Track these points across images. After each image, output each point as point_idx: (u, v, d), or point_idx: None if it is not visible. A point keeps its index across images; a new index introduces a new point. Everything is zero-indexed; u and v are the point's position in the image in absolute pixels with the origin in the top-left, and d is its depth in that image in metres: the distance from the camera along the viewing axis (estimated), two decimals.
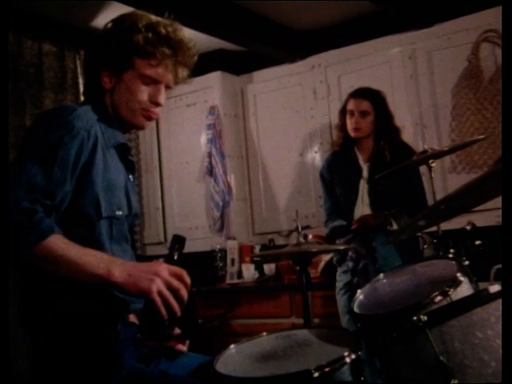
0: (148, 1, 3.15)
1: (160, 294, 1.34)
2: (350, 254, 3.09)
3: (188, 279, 1.40)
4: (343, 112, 3.28)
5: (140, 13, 1.66)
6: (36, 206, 1.38)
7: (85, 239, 1.45)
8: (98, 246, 1.50)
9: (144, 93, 1.64)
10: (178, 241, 1.47)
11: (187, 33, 1.70)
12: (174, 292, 1.36)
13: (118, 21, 1.65)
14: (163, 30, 1.62)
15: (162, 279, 1.35)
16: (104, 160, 1.54)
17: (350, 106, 3.22)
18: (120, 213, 1.57)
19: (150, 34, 1.60)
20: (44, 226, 1.35)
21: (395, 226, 3.01)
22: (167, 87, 1.68)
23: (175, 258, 1.44)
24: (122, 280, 1.35)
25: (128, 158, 1.70)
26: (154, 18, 1.65)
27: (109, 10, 3.58)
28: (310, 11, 3.97)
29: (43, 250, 1.33)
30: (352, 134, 3.21)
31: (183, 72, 1.69)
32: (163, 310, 1.35)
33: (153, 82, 1.64)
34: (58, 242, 1.36)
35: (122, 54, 1.60)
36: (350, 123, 3.21)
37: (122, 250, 1.61)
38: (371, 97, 3.21)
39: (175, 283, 1.37)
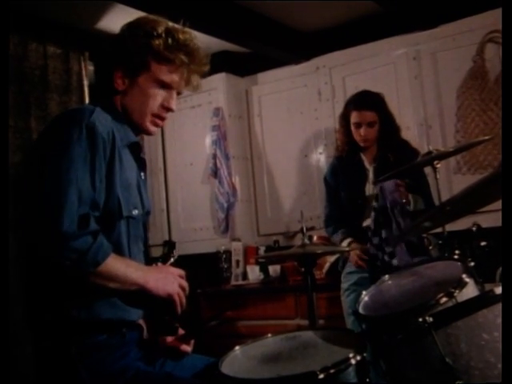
0: (152, 3, 3.19)
1: (178, 294, 1.55)
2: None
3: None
4: (345, 119, 3.26)
5: (156, 18, 1.67)
6: (94, 223, 1.43)
7: None
8: (118, 246, 1.52)
9: (158, 97, 1.66)
10: (172, 245, 1.67)
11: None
12: (184, 290, 1.58)
13: (136, 24, 1.66)
14: (181, 37, 1.64)
15: (177, 282, 1.57)
16: (120, 159, 1.56)
17: (355, 118, 3.18)
18: (136, 212, 1.60)
19: (169, 40, 1.62)
20: (105, 245, 1.43)
21: (412, 207, 2.99)
22: (178, 93, 1.70)
23: (172, 260, 1.62)
24: (154, 285, 1.51)
25: (140, 156, 1.71)
26: (170, 24, 1.66)
27: (113, 12, 3.59)
28: (314, 12, 3.97)
29: (103, 269, 1.42)
30: (362, 144, 3.21)
31: (195, 80, 1.71)
32: (179, 307, 1.56)
33: (167, 87, 1.66)
34: (112, 259, 1.44)
35: (139, 56, 1.62)
36: (357, 135, 3.19)
37: (138, 249, 1.65)
38: (374, 106, 3.18)
39: (184, 283, 1.59)
